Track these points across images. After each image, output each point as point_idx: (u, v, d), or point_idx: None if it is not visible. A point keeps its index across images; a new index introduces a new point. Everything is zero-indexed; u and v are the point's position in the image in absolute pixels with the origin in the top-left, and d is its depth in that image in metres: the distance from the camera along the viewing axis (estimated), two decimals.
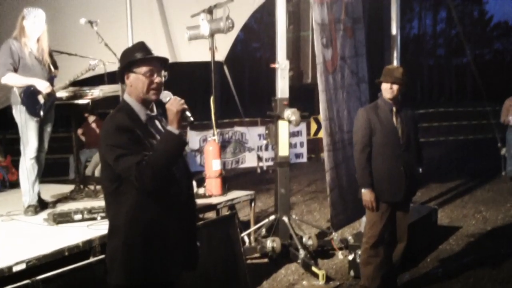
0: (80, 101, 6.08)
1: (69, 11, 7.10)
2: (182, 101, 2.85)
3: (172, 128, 2.80)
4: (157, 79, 2.92)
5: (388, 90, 4.84)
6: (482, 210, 8.57)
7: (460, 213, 8.43)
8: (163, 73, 2.98)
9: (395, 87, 4.81)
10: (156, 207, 2.87)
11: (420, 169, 5.13)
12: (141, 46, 3.00)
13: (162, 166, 2.76)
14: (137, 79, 2.91)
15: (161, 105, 3.00)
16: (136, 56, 2.92)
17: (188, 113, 2.86)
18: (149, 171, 2.72)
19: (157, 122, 3.02)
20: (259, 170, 7.13)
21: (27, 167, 5.57)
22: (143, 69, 2.90)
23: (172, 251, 2.94)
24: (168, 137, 2.81)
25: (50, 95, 5.59)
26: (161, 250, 2.90)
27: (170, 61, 8.73)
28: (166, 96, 2.92)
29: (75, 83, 6.56)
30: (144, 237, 2.86)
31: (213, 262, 5.14)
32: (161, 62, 3.01)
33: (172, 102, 2.84)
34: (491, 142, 12.12)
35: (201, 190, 6.33)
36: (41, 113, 5.53)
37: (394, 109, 4.87)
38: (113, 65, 6.04)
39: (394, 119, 4.86)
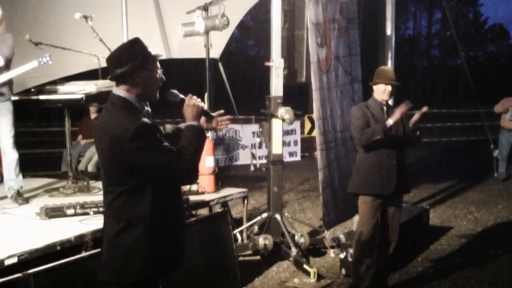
0: (74, 96, 6.07)
1: (64, 5, 7.09)
2: (199, 99, 2.95)
3: (195, 123, 2.91)
4: (162, 76, 2.96)
5: (383, 92, 4.86)
6: (474, 211, 8.62)
7: (452, 214, 8.48)
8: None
9: (390, 88, 4.85)
10: (171, 199, 2.97)
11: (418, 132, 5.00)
12: (143, 44, 2.94)
13: (199, 159, 2.90)
14: (150, 77, 2.89)
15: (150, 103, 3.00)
16: (147, 53, 2.88)
17: (207, 110, 3.01)
18: (191, 164, 2.83)
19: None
20: (252, 168, 7.13)
21: None
22: (156, 66, 2.91)
23: (181, 244, 3.07)
24: (198, 131, 2.91)
25: None
26: (174, 238, 3.00)
27: (165, 57, 8.81)
28: (177, 95, 2.98)
29: (70, 78, 6.57)
30: (163, 229, 2.93)
31: (205, 259, 5.15)
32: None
33: (195, 99, 2.94)
34: (483, 144, 12.19)
35: (194, 187, 6.34)
36: None
37: (384, 108, 4.93)
38: None
39: (385, 116, 4.89)
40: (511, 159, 11.18)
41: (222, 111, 3.25)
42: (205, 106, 2.99)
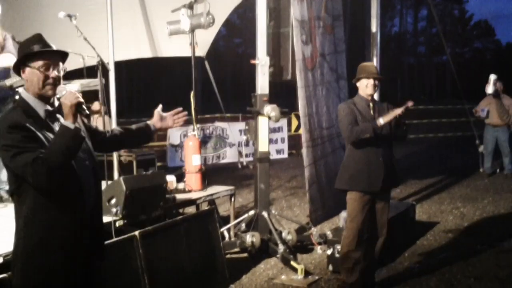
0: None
1: (48, 4, 7.05)
2: (77, 94, 2.75)
3: (67, 122, 2.69)
4: (53, 73, 2.82)
5: (368, 86, 4.89)
6: (460, 206, 8.68)
7: (438, 209, 8.53)
8: (61, 67, 2.88)
9: (372, 81, 4.88)
10: (54, 207, 2.75)
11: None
12: (38, 39, 2.89)
13: (58, 162, 2.62)
14: (32, 73, 2.80)
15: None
16: (33, 49, 2.82)
17: (83, 106, 2.75)
18: (44, 167, 2.58)
19: (60, 117, 2.86)
20: (239, 166, 7.15)
21: None
22: (39, 63, 2.80)
23: (73, 251, 2.81)
24: (64, 131, 2.67)
25: None
26: (60, 251, 2.77)
27: (151, 56, 8.78)
28: (62, 90, 2.80)
29: None
30: (41, 239, 2.74)
31: (193, 257, 5.15)
32: (61, 56, 2.92)
33: (67, 96, 2.73)
34: (469, 140, 12.27)
35: (180, 185, 6.34)
36: None
37: (371, 104, 4.95)
38: (92, 59, 6.03)
39: (372, 112, 4.91)
40: (496, 155, 11.28)
41: (180, 108, 3.21)
42: (84, 106, 2.76)
